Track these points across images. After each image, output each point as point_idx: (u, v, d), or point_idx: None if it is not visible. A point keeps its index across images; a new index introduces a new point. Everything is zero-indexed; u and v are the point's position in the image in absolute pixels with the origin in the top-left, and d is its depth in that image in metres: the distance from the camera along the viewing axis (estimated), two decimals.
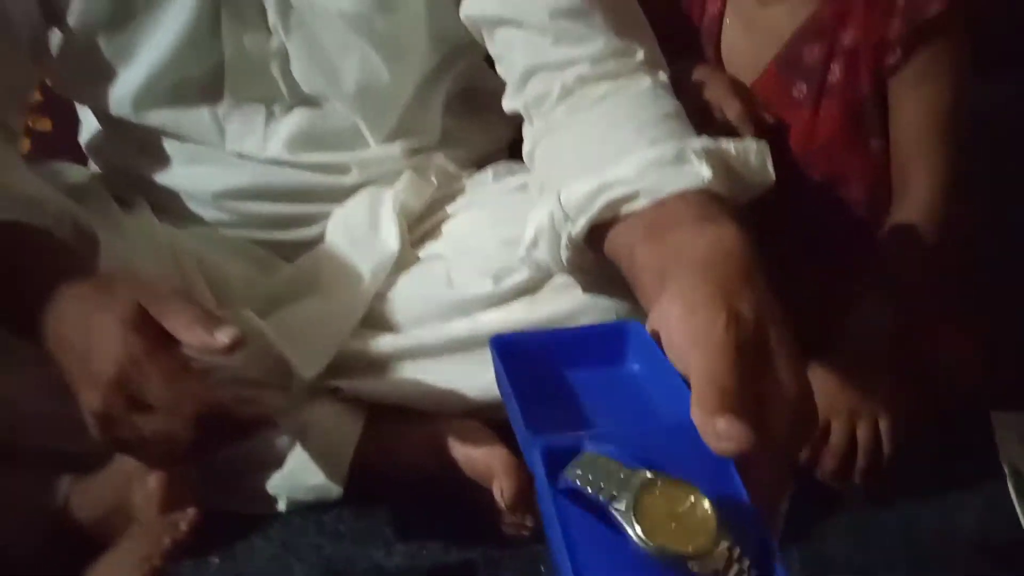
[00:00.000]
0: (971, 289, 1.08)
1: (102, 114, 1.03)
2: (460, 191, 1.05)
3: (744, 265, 0.61)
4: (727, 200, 0.72)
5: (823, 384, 0.94)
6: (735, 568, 0.43)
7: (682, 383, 0.52)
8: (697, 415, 0.48)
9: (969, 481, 0.97)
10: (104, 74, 0.96)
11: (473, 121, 1.07)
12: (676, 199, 0.71)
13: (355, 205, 1.02)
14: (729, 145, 0.76)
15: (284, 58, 0.96)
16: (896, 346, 0.95)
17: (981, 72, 1.01)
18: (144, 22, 0.93)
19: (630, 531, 0.43)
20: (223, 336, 0.68)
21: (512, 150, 1.06)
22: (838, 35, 1.00)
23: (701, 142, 0.75)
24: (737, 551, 0.43)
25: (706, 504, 0.44)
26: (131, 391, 0.68)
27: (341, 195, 1.03)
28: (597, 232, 0.75)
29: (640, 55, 0.86)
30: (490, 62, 0.95)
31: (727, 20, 1.07)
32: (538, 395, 0.54)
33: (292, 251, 1.05)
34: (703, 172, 0.72)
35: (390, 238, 0.98)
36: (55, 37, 0.96)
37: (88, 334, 0.70)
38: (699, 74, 1.05)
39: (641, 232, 0.70)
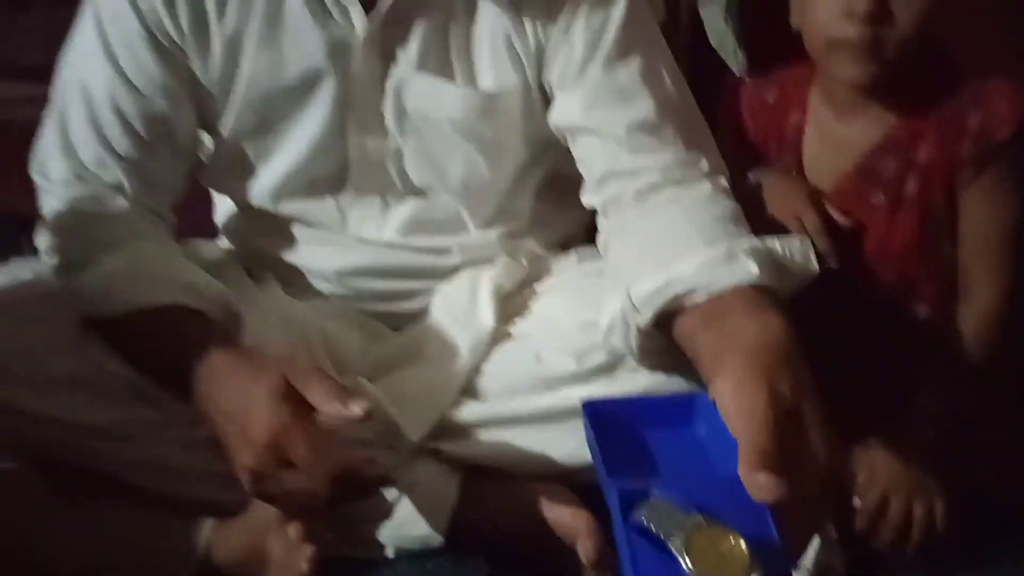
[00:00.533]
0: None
1: (240, 202, 1.17)
2: (547, 271, 1.17)
3: (784, 351, 0.75)
4: (775, 291, 0.86)
5: (887, 463, 1.04)
6: None
7: (735, 444, 0.66)
8: (743, 470, 0.64)
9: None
10: (247, 172, 1.11)
11: (557, 205, 1.18)
12: (729, 293, 0.85)
13: (457, 284, 1.14)
14: (775, 243, 0.91)
15: (399, 157, 1.09)
16: (953, 434, 1.03)
17: None
18: (283, 130, 1.07)
19: (682, 562, 0.58)
20: (356, 408, 0.82)
21: (590, 231, 1.16)
22: (913, 152, 1.08)
23: (750, 242, 0.90)
24: None
25: (743, 544, 0.60)
26: (279, 453, 0.83)
27: (444, 274, 1.15)
28: (663, 321, 0.89)
29: (703, 164, 1.01)
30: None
31: (808, 131, 1.16)
32: (619, 450, 0.69)
33: (399, 322, 1.17)
34: (751, 269, 0.86)
35: (487, 316, 1.09)
36: (206, 140, 1.12)
37: (243, 403, 0.85)
38: (781, 181, 1.14)
39: (700, 321, 0.85)
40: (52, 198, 1.05)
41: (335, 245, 1.14)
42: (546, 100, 1.07)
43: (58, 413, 0.98)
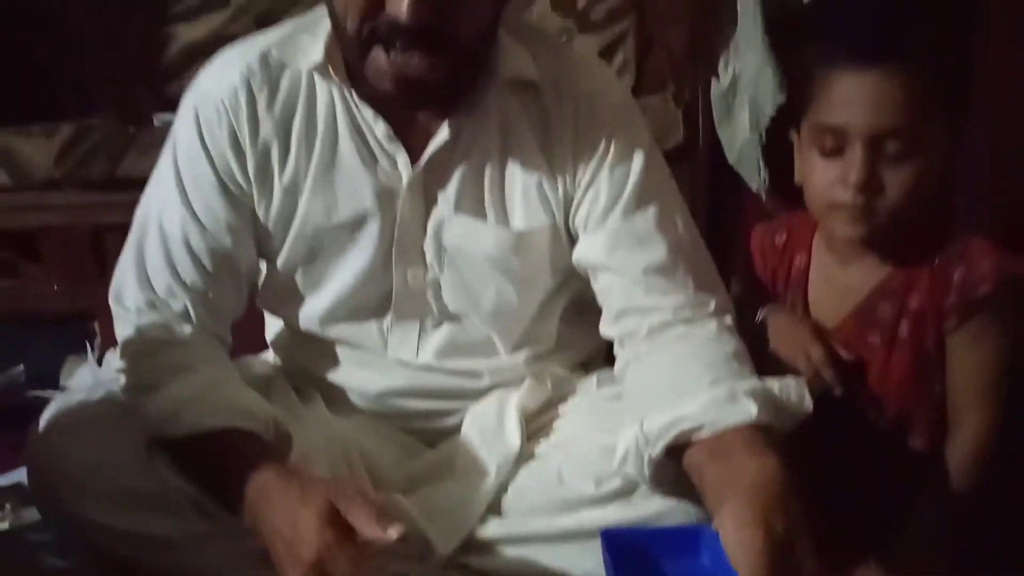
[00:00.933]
0: None
1: (291, 324, 1.28)
2: (571, 392, 1.26)
3: (780, 491, 0.90)
4: (773, 428, 1.00)
5: None
6: None
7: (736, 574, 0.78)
8: None
9: None
10: (298, 298, 1.23)
11: (579, 328, 1.28)
12: (731, 431, 0.99)
13: (486, 405, 1.24)
14: (773, 384, 1.04)
15: (437, 287, 1.20)
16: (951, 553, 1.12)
17: None
18: (334, 262, 1.19)
19: None
20: (393, 532, 0.93)
21: (608, 350, 1.26)
22: (906, 299, 1.18)
23: (751, 383, 1.03)
24: None
25: None
26: (324, 570, 0.94)
27: (475, 395, 1.25)
28: (672, 452, 1.02)
29: (711, 305, 1.13)
30: None
31: (812, 273, 1.26)
32: (632, 573, 0.85)
33: (433, 438, 1.26)
34: (751, 410, 1.00)
35: (513, 437, 1.19)
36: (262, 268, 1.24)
37: (292, 523, 0.96)
38: (788, 318, 1.25)
39: (706, 456, 0.99)
40: (126, 324, 1.17)
41: (376, 367, 1.24)
42: (571, 238, 1.19)
43: (124, 524, 1.08)
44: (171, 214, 1.16)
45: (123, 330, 1.18)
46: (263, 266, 1.24)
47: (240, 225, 1.17)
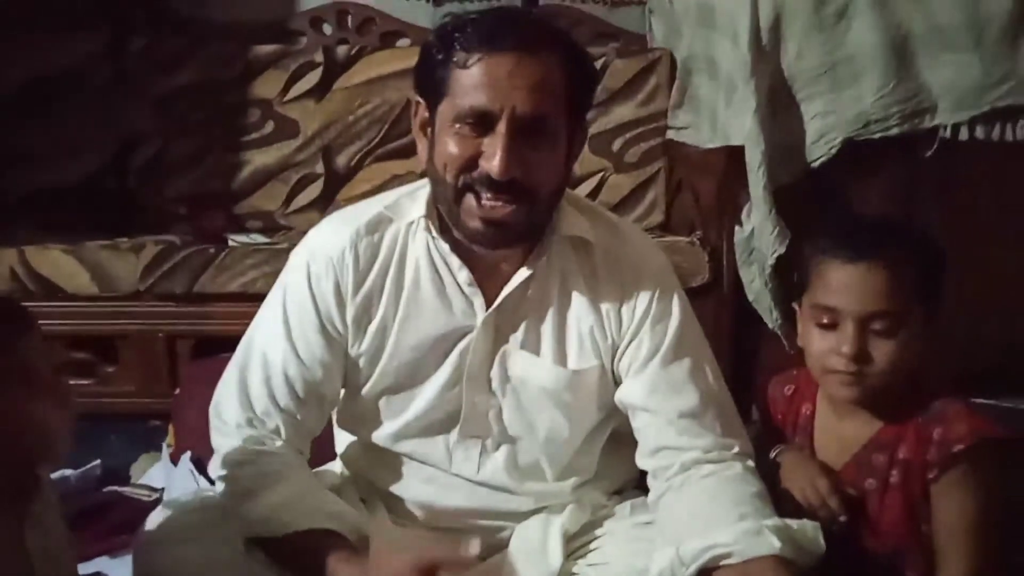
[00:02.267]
0: None
1: (363, 440, 1.46)
2: (607, 517, 1.43)
3: None
4: (792, 562, 1.18)
5: None
6: None
7: None
8: None
9: None
10: (378, 420, 1.41)
11: (615, 458, 1.46)
12: (757, 560, 1.18)
13: (532, 524, 1.41)
14: (793, 523, 1.22)
15: (499, 411, 1.39)
16: None
17: None
18: (413, 389, 1.38)
19: None
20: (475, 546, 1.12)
21: (640, 480, 1.44)
22: (896, 450, 1.36)
23: (773, 521, 1.21)
24: None
25: None
26: None
27: (522, 517, 1.42)
28: (702, 574, 1.18)
29: (736, 448, 1.32)
30: None
31: (816, 423, 1.45)
32: None
33: (483, 553, 1.41)
34: (775, 543, 1.18)
35: (555, 556, 1.36)
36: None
37: None
38: (797, 458, 1.42)
39: None
40: (225, 437, 1.36)
41: (439, 484, 1.41)
42: (615, 380, 1.39)
43: None
44: (275, 347, 1.36)
45: (220, 441, 1.36)
46: (343, 393, 1.43)
47: (332, 362, 1.37)
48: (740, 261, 2.36)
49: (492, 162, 1.22)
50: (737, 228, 2.35)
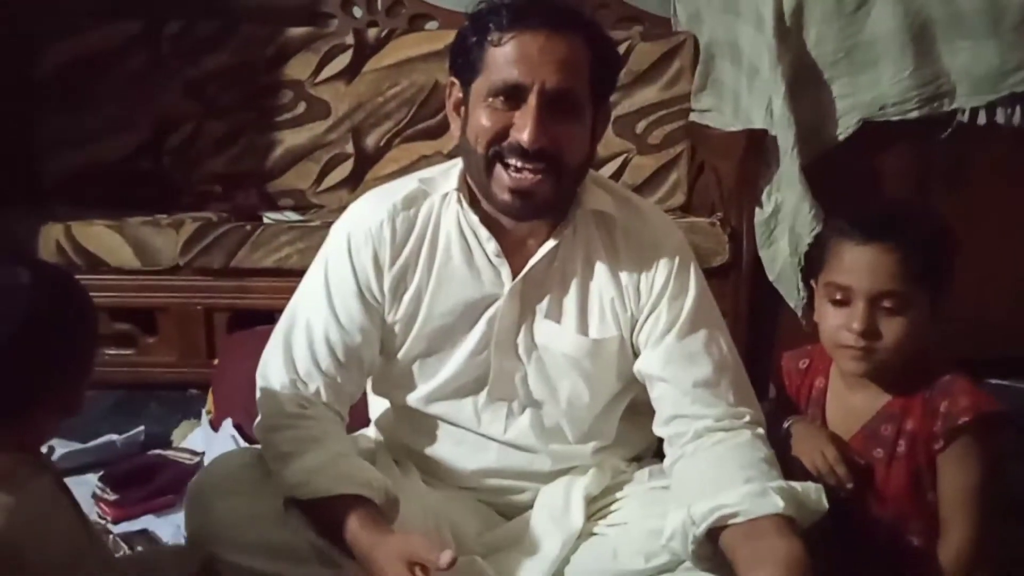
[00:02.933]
0: None
1: (397, 404, 1.54)
2: (626, 481, 1.51)
3: (803, 567, 1.16)
4: (796, 521, 1.24)
5: None
6: None
7: None
8: None
9: None
10: (412, 383, 1.49)
11: (634, 427, 1.53)
12: (763, 519, 1.25)
13: (556, 486, 1.49)
14: (797, 485, 1.29)
15: (524, 375, 1.46)
16: None
17: None
18: (444, 354, 1.46)
19: None
20: (445, 556, 1.21)
21: (658, 447, 1.52)
22: (903, 422, 1.43)
23: (778, 483, 1.28)
24: None
25: None
26: None
27: (546, 478, 1.50)
28: (712, 534, 1.27)
29: (747, 417, 1.40)
30: None
31: (829, 395, 1.52)
32: None
33: (508, 511, 1.51)
34: (779, 503, 1.25)
35: (577, 517, 1.44)
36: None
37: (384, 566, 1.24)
38: (808, 429, 1.49)
39: (741, 537, 1.25)
40: (270, 399, 1.43)
41: (468, 445, 1.48)
42: (634, 351, 1.46)
43: (261, 567, 1.32)
44: (317, 314, 1.44)
45: (266, 402, 1.44)
46: (380, 360, 1.50)
47: (370, 328, 1.44)
48: (760, 242, 2.42)
49: (523, 133, 1.31)
50: (757, 210, 2.41)
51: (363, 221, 1.45)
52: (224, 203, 2.73)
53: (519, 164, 1.33)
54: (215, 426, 2.09)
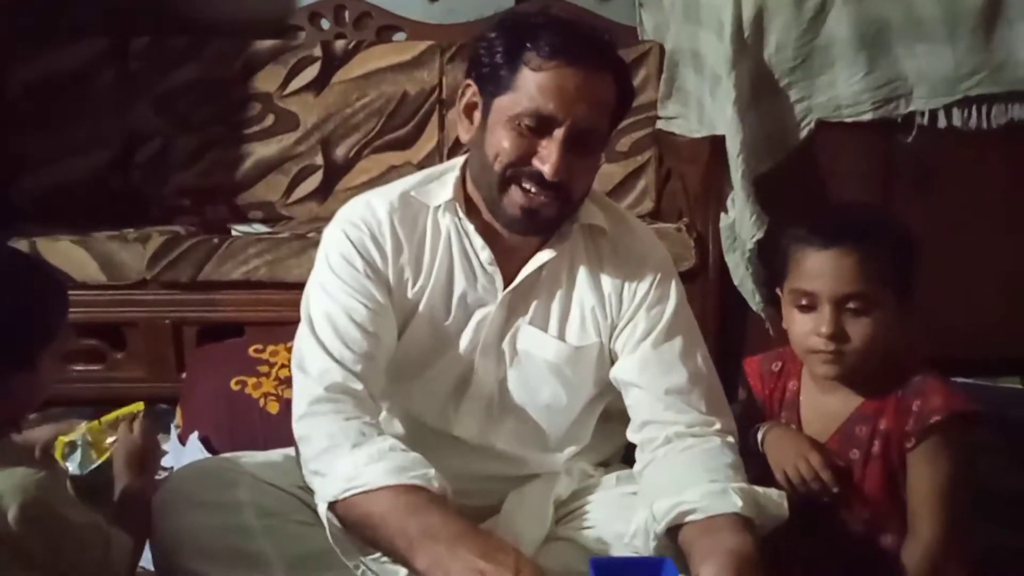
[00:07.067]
0: None
1: (388, 403, 1.49)
2: (595, 486, 1.52)
3: (753, 562, 1.19)
4: (752, 521, 1.26)
5: None
6: None
7: None
8: None
9: None
10: (397, 380, 1.46)
11: (603, 434, 1.55)
12: (720, 517, 1.27)
13: (525, 490, 1.50)
14: (759, 489, 1.31)
15: (505, 379, 1.48)
16: None
17: None
18: (436, 351, 1.46)
19: None
20: None
21: (626, 454, 1.53)
22: (877, 422, 1.44)
23: (739, 484, 1.31)
24: None
25: None
26: None
27: (518, 482, 1.51)
28: (673, 532, 1.29)
29: (717, 425, 1.41)
30: None
31: (802, 398, 1.53)
32: None
33: (483, 514, 1.47)
34: (737, 502, 1.27)
35: (546, 520, 1.45)
36: None
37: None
38: (785, 434, 1.49)
39: (698, 533, 1.26)
40: (309, 388, 1.36)
41: (444, 447, 1.46)
42: (611, 357, 1.48)
43: None
44: (334, 303, 1.40)
45: (305, 393, 1.36)
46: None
47: (385, 302, 1.42)
48: (725, 247, 2.45)
49: (546, 165, 1.34)
50: (723, 215, 2.44)
51: (361, 216, 1.45)
52: (194, 216, 2.71)
53: (534, 190, 1.36)
54: (183, 440, 2.07)
